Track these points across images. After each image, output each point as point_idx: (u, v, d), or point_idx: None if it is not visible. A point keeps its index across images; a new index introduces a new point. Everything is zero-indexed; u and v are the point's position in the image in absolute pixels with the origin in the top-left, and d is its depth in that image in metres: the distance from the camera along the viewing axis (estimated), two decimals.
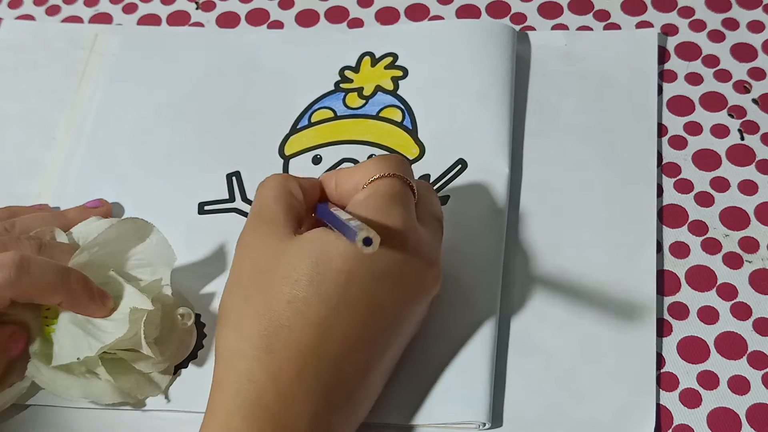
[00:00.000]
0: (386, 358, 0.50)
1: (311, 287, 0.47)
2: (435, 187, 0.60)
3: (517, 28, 0.68)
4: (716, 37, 0.67)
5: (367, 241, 0.44)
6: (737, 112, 0.64)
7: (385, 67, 0.66)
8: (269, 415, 0.45)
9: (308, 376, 0.46)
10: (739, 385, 0.53)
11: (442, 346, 0.54)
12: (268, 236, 0.50)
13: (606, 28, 0.68)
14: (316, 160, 0.63)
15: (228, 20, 0.72)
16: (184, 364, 0.55)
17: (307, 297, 0.47)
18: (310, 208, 0.53)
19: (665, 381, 0.54)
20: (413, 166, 0.62)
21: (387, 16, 0.71)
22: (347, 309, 0.47)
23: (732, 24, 0.68)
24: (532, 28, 0.69)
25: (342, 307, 0.47)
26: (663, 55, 0.67)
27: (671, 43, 0.67)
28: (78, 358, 0.51)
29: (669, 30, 0.68)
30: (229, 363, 0.47)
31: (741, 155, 0.62)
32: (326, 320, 0.47)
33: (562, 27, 0.69)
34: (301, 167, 0.63)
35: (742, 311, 0.56)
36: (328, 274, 0.47)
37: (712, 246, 0.58)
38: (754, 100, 0.64)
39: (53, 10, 0.73)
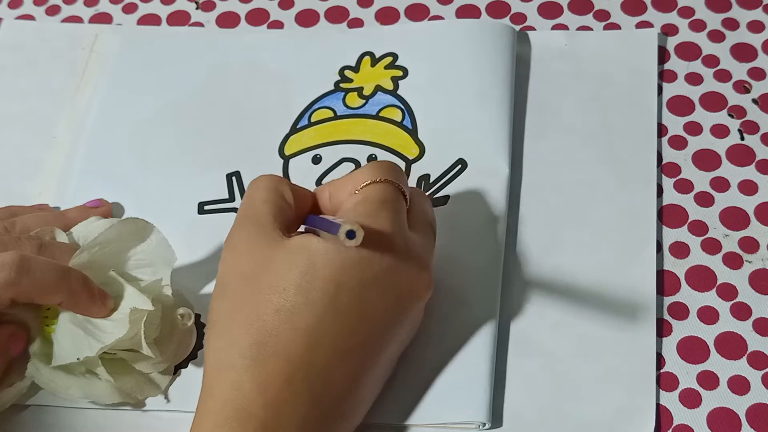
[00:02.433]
0: (378, 365, 0.49)
1: (299, 296, 0.47)
2: (435, 187, 0.60)
3: (517, 28, 0.68)
4: (716, 37, 0.67)
5: (350, 234, 0.43)
6: (737, 112, 0.64)
7: (385, 67, 0.66)
8: (258, 424, 0.45)
9: (297, 384, 0.46)
10: (739, 385, 0.53)
11: (442, 345, 0.54)
12: (256, 239, 0.49)
13: (606, 28, 0.68)
14: (316, 160, 0.63)
15: (228, 20, 0.72)
16: (184, 364, 0.55)
17: (295, 306, 0.47)
18: (300, 217, 0.53)
19: (665, 381, 0.54)
20: (413, 166, 0.62)
21: (387, 16, 0.71)
22: (336, 317, 0.47)
23: (732, 24, 0.68)
24: (532, 28, 0.69)
25: (330, 316, 0.47)
26: (663, 55, 0.67)
27: (671, 43, 0.67)
28: (78, 358, 0.51)
29: (669, 30, 0.68)
30: (217, 371, 0.47)
31: (741, 155, 0.62)
32: (315, 329, 0.47)
33: (562, 27, 0.69)
34: (301, 167, 0.63)
35: (742, 311, 0.56)
36: (315, 282, 0.47)
37: (712, 246, 0.58)
38: (754, 100, 0.64)
39: (53, 10, 0.73)
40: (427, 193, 0.60)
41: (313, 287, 0.47)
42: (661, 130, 0.63)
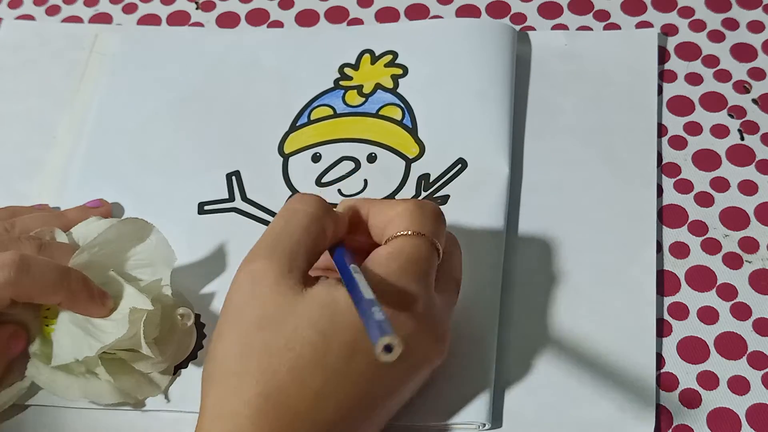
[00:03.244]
0: (381, 420, 0.49)
1: (315, 356, 0.46)
2: (435, 187, 0.60)
3: (517, 28, 0.68)
4: (716, 37, 0.67)
5: (388, 348, 0.41)
6: (737, 112, 0.64)
7: (385, 65, 0.66)
8: None
9: None
10: (739, 385, 0.53)
11: None
12: (281, 280, 0.47)
13: (606, 28, 0.68)
14: (316, 158, 0.63)
15: (228, 20, 0.72)
16: (184, 364, 0.55)
17: (309, 365, 0.46)
18: (333, 241, 0.51)
19: (665, 381, 0.54)
20: (413, 165, 0.62)
21: (387, 16, 0.71)
22: (347, 380, 0.46)
23: (732, 24, 0.68)
24: (532, 28, 0.69)
25: (342, 378, 0.46)
26: (663, 55, 0.67)
27: (671, 43, 0.67)
28: (78, 359, 0.51)
29: (669, 30, 0.68)
30: (219, 416, 0.46)
31: (741, 155, 0.62)
32: (325, 390, 0.46)
33: (562, 27, 0.69)
34: (301, 165, 0.63)
35: (742, 311, 0.56)
36: (333, 344, 0.46)
37: (712, 246, 0.58)
38: (754, 100, 0.64)
39: (53, 10, 0.73)
40: (426, 193, 0.60)
41: (330, 350, 0.46)
42: (661, 130, 0.63)
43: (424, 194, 0.60)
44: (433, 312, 0.49)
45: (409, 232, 0.50)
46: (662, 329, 0.55)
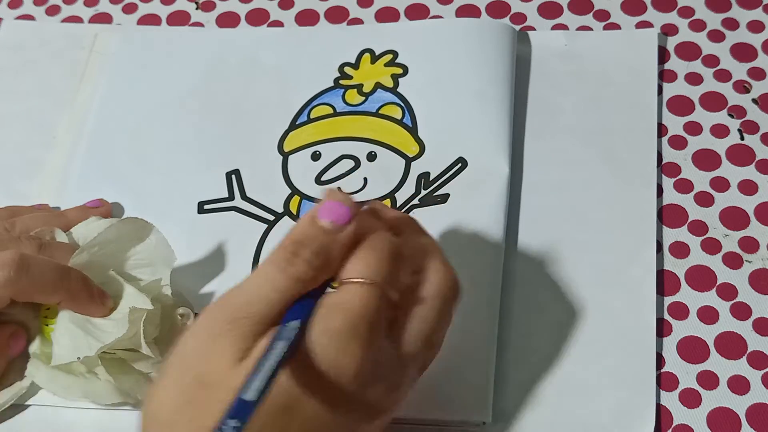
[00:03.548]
0: None
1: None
2: (434, 185, 0.60)
3: (517, 28, 0.68)
4: (716, 37, 0.67)
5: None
6: (737, 112, 0.64)
7: (385, 65, 0.66)
8: None
9: None
10: (739, 385, 0.53)
11: (443, 344, 0.54)
12: (237, 343, 0.44)
13: (606, 28, 0.68)
14: (315, 157, 0.63)
15: (228, 20, 0.72)
16: None
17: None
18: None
19: (665, 381, 0.54)
20: (413, 164, 0.62)
21: (387, 16, 0.71)
22: None
23: (732, 24, 0.68)
24: (532, 28, 0.69)
25: None
26: (663, 55, 0.67)
27: (671, 43, 0.67)
28: (77, 358, 0.51)
29: (669, 30, 0.68)
30: None
31: (741, 155, 0.62)
32: None
33: (562, 27, 0.69)
34: (301, 164, 0.63)
35: (742, 311, 0.56)
36: (269, 408, 0.43)
37: (712, 246, 0.58)
38: (754, 100, 0.64)
39: (53, 10, 0.73)
40: (426, 191, 0.60)
41: (265, 412, 0.42)
42: (661, 130, 0.63)
43: (423, 192, 0.60)
44: (375, 371, 0.45)
45: (361, 280, 0.46)
46: (662, 329, 0.55)
